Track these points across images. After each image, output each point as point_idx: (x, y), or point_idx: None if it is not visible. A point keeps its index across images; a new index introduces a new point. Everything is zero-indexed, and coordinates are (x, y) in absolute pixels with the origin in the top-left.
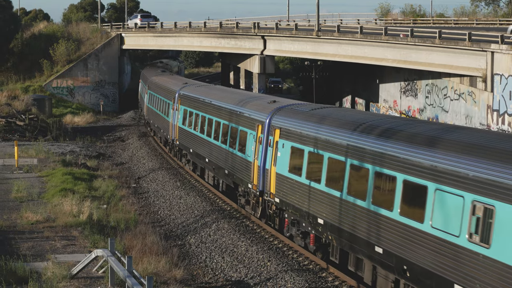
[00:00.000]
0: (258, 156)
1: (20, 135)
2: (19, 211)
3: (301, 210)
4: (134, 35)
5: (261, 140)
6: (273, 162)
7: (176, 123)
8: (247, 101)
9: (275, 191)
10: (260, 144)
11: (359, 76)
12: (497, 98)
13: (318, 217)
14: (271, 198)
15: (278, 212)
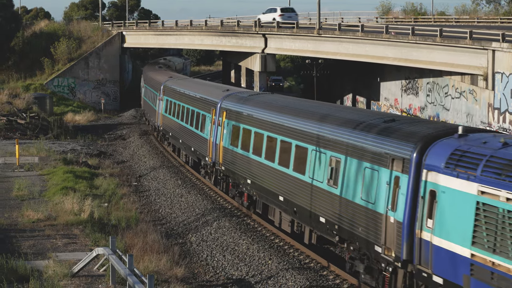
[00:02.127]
0: (212, 134)
1: (21, 134)
2: (20, 210)
3: (238, 174)
4: (135, 33)
5: (214, 121)
6: (221, 138)
7: (161, 111)
8: (208, 90)
9: (222, 161)
10: (213, 124)
11: (360, 74)
12: (498, 97)
13: (248, 178)
14: (219, 167)
15: (224, 178)
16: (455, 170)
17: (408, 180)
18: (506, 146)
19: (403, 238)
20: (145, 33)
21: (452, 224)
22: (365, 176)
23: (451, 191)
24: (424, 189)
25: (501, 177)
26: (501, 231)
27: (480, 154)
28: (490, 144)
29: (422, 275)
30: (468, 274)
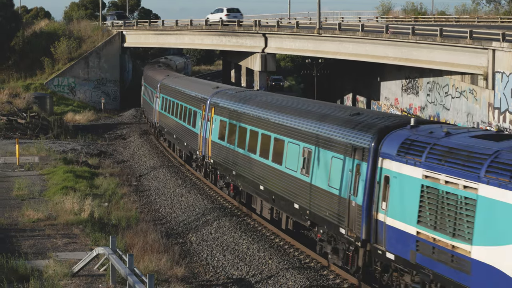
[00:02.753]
0: (202, 129)
1: (21, 133)
2: (20, 209)
3: (224, 167)
4: (135, 33)
5: (204, 117)
6: (210, 132)
7: (157, 108)
8: (200, 87)
9: (211, 154)
10: (203, 120)
11: (360, 74)
12: (498, 96)
13: (233, 170)
14: (209, 160)
15: (213, 170)
16: (404, 157)
17: (367, 167)
18: (448, 136)
19: (362, 220)
20: (145, 33)
21: (401, 205)
22: (332, 164)
23: (401, 176)
24: (380, 175)
25: (441, 162)
26: (440, 210)
27: (426, 143)
28: (435, 134)
29: (378, 253)
30: (414, 250)
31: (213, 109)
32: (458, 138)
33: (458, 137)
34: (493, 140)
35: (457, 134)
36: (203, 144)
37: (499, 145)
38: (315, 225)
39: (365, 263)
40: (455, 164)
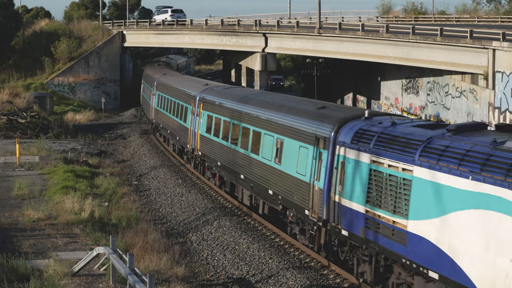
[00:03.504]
0: (192, 123)
1: (22, 133)
2: (20, 209)
3: (211, 158)
4: (135, 32)
5: (193, 112)
6: (198, 127)
7: (153, 105)
8: (191, 84)
9: (199, 147)
10: (193, 115)
11: (360, 73)
12: (499, 96)
13: (218, 161)
14: (197, 153)
15: (202, 162)
16: (357, 145)
17: (327, 154)
18: (393, 125)
19: (323, 202)
20: (145, 32)
21: (353, 187)
22: (299, 153)
23: (354, 161)
24: (337, 161)
25: (386, 148)
26: (384, 190)
27: (374, 132)
28: (383, 124)
29: (335, 231)
30: (363, 226)
31: (202, 104)
32: (401, 127)
33: (401, 126)
34: (429, 128)
35: (401, 124)
36: (192, 137)
37: (433, 132)
38: (286, 209)
39: (326, 241)
40: (396, 149)
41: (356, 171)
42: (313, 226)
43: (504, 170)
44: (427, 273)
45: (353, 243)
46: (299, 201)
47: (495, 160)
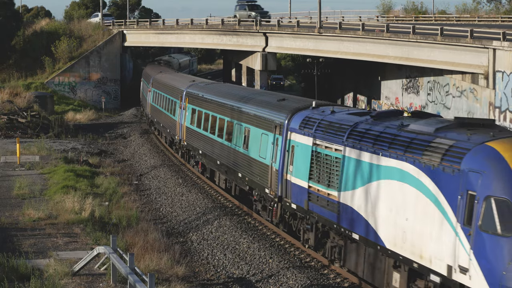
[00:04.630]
0: (179, 116)
1: (22, 132)
2: (21, 208)
3: (194, 147)
4: (136, 32)
5: (181, 106)
6: (184, 119)
7: (149, 101)
8: (180, 80)
9: (185, 138)
10: (181, 108)
11: (361, 73)
12: (499, 95)
13: (200, 150)
14: (184, 143)
15: (187, 151)
16: (303, 130)
17: (282, 139)
18: (332, 113)
19: (279, 181)
20: (146, 32)
21: (300, 167)
22: (261, 139)
23: (300, 144)
24: (289, 145)
25: (323, 133)
26: (322, 168)
27: (316, 119)
28: (325, 112)
29: (287, 205)
30: (307, 199)
31: (187, 99)
32: (338, 115)
33: (338, 114)
34: (358, 115)
35: (339, 112)
36: (180, 129)
37: (359, 119)
38: (252, 189)
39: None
40: (331, 133)
41: (302, 153)
42: (271, 202)
43: (404, 147)
44: (351, 235)
45: (300, 215)
46: (261, 181)
47: (398, 139)
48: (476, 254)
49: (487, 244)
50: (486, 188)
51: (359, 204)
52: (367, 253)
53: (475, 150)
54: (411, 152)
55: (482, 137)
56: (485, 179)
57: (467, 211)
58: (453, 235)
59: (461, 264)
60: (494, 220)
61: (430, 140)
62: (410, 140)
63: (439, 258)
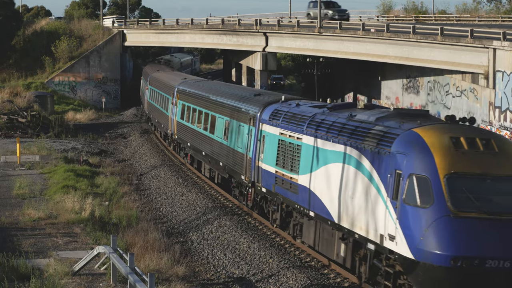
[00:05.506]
0: (171, 112)
1: (22, 132)
2: (21, 208)
3: (183, 140)
4: (136, 32)
5: (172, 102)
6: (175, 114)
7: (147, 98)
8: (173, 78)
9: (176, 132)
10: (172, 104)
11: (361, 73)
12: (499, 95)
13: (188, 142)
14: (175, 136)
15: (178, 144)
16: (272, 121)
17: (255, 130)
18: (298, 106)
19: (252, 168)
20: (146, 32)
21: (269, 154)
22: (239, 131)
23: (270, 134)
24: (260, 135)
25: (288, 123)
26: (286, 154)
27: (283, 111)
28: (291, 105)
29: (258, 189)
30: (274, 183)
31: (178, 95)
32: (301, 107)
33: (302, 107)
34: (317, 107)
35: (303, 105)
36: (171, 124)
37: (318, 110)
38: (231, 176)
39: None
40: (294, 123)
41: (271, 142)
42: (246, 187)
43: (349, 134)
44: (308, 213)
45: (269, 197)
46: (238, 169)
47: (346, 128)
48: (401, 223)
49: (409, 215)
50: (410, 167)
51: (314, 185)
52: (321, 228)
53: (402, 135)
54: (355, 138)
55: (410, 124)
56: (409, 159)
57: (395, 187)
58: (384, 208)
59: (390, 232)
60: (415, 194)
61: (370, 127)
62: (355, 128)
63: (374, 229)
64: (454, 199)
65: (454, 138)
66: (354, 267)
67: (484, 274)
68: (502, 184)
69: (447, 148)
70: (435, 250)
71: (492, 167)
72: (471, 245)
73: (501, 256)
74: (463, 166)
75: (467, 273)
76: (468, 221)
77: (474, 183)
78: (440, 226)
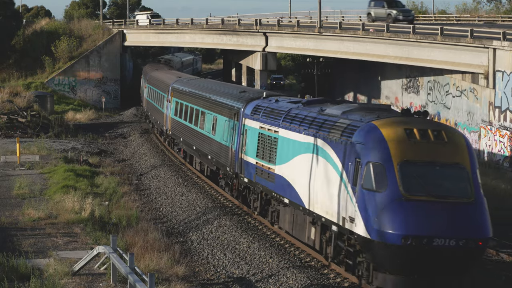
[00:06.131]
0: (166, 109)
1: (22, 132)
2: (21, 208)
3: (177, 135)
4: (136, 32)
5: (167, 99)
6: (170, 111)
7: (145, 97)
8: (168, 76)
9: (170, 128)
10: (167, 101)
11: (361, 73)
12: (499, 95)
13: (181, 137)
14: (169, 133)
15: (172, 140)
16: (253, 116)
17: (239, 125)
18: (277, 102)
19: (236, 160)
20: (146, 32)
21: (250, 147)
22: (224, 125)
23: (251, 128)
24: (243, 129)
25: (267, 118)
26: (266, 146)
27: (263, 107)
28: (271, 101)
29: (241, 179)
30: (254, 174)
31: (172, 93)
32: (280, 103)
33: (280, 102)
34: (293, 103)
35: (281, 101)
36: (166, 120)
37: (293, 105)
38: (218, 169)
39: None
40: (272, 118)
41: (252, 135)
42: (231, 178)
43: (318, 127)
44: (284, 200)
45: (250, 187)
46: (224, 161)
47: (316, 121)
48: (359, 207)
49: (366, 199)
50: (367, 156)
51: (288, 175)
52: (295, 214)
53: (362, 127)
54: (323, 130)
55: (370, 117)
56: (367, 149)
57: (355, 174)
58: (346, 193)
59: (350, 215)
60: (372, 180)
61: (336, 121)
62: (323, 121)
63: (337, 213)
64: (405, 184)
65: (408, 129)
66: (322, 248)
67: (432, 252)
68: (449, 170)
69: (400, 138)
70: (388, 230)
71: (441, 156)
72: (420, 225)
73: (447, 235)
74: (415, 154)
75: (417, 250)
76: (418, 203)
77: (424, 169)
78: (392, 208)
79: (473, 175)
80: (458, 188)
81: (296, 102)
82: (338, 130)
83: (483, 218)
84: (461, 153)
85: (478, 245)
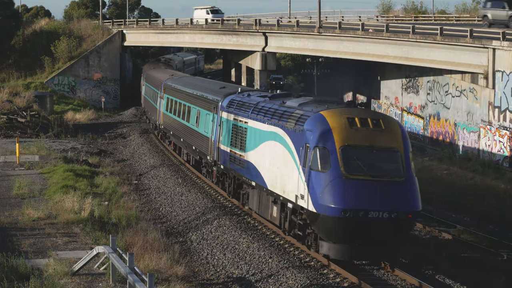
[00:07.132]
0: (159, 105)
1: (22, 132)
2: (20, 208)
3: (167, 129)
4: (135, 32)
5: (160, 96)
6: (162, 106)
7: (143, 94)
8: (162, 74)
9: (163, 122)
10: (160, 98)
11: (360, 73)
12: (499, 95)
13: (171, 131)
14: (162, 127)
15: (164, 134)
16: (228, 109)
17: (217, 117)
18: (248, 96)
19: (214, 149)
20: (145, 32)
21: (226, 137)
22: (206, 118)
23: (227, 120)
24: (220, 121)
25: (239, 110)
26: (238, 136)
27: (237, 100)
28: (244, 96)
29: (219, 166)
30: (229, 161)
31: (164, 89)
32: (251, 97)
33: (252, 97)
34: (261, 97)
35: (252, 95)
36: (159, 115)
37: (261, 99)
38: (201, 158)
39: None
40: (243, 110)
41: (227, 126)
42: (211, 166)
43: (278, 117)
44: (251, 183)
45: (226, 173)
46: (205, 151)
47: (277, 112)
48: (308, 185)
49: (313, 178)
50: (315, 141)
51: (255, 160)
52: (261, 195)
53: (312, 116)
54: (282, 120)
55: (320, 108)
56: (314, 135)
57: (305, 157)
58: (298, 174)
59: (301, 193)
60: (318, 162)
61: (293, 111)
62: (283, 112)
63: (292, 191)
64: (346, 165)
65: (350, 118)
66: (281, 224)
67: (368, 223)
68: (384, 153)
69: (343, 126)
70: (330, 204)
71: (378, 141)
72: (357, 200)
73: (381, 209)
74: (355, 140)
75: (354, 222)
76: (356, 182)
77: (363, 153)
78: (334, 185)
79: (405, 158)
80: (391, 168)
81: (264, 96)
82: (293, 120)
83: (413, 194)
84: (396, 139)
85: (408, 217)
